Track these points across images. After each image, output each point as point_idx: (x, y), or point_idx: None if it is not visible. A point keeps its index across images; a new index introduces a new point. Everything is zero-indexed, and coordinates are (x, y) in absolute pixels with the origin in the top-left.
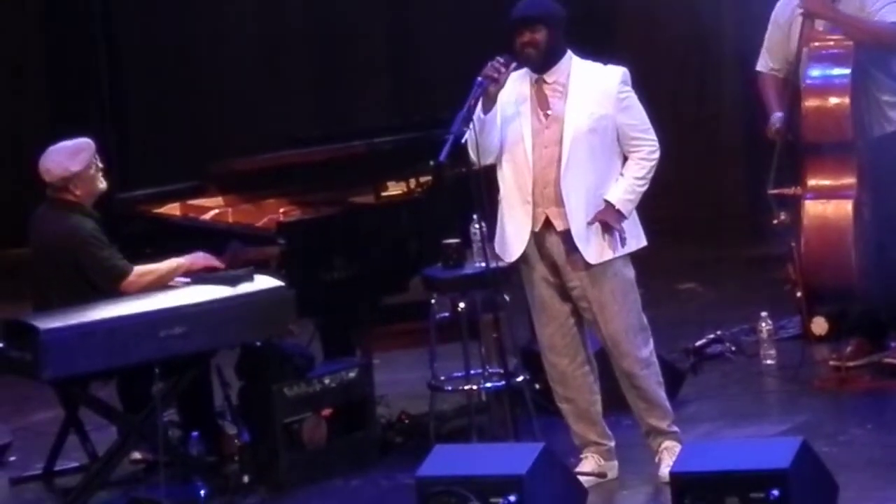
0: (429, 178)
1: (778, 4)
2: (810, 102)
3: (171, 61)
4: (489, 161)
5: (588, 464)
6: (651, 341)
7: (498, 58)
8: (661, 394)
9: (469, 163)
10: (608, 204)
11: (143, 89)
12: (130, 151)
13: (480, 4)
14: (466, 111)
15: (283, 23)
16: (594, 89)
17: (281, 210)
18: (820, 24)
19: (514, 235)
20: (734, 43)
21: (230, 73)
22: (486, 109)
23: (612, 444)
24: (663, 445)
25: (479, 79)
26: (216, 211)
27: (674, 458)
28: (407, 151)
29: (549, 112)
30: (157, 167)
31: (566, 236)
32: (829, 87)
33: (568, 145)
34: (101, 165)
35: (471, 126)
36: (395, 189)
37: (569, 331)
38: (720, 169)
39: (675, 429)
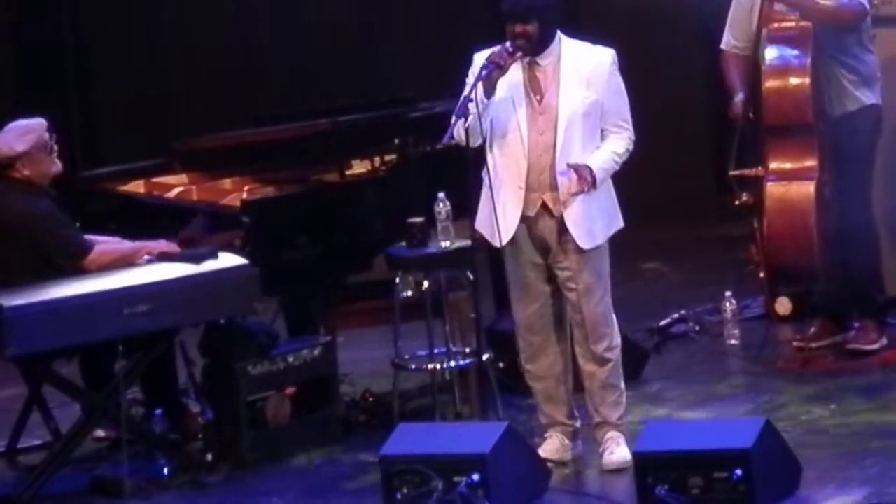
0: (393, 156)
1: None
2: (770, 84)
3: (136, 38)
4: (475, 142)
5: (552, 443)
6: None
7: (506, 44)
8: (622, 385)
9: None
10: (588, 167)
11: (109, 66)
12: (95, 129)
13: None
14: (470, 93)
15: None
16: (585, 72)
17: (245, 188)
18: (780, 5)
19: (504, 220)
20: (698, 22)
21: (197, 50)
22: (489, 94)
23: (578, 424)
24: (608, 435)
25: (485, 62)
26: (180, 189)
27: (618, 447)
28: (371, 130)
29: (542, 97)
30: (122, 144)
31: (560, 221)
32: (788, 68)
33: (563, 131)
34: (54, 147)
35: (473, 110)
36: (359, 167)
37: (548, 310)
38: (684, 149)
39: (623, 421)
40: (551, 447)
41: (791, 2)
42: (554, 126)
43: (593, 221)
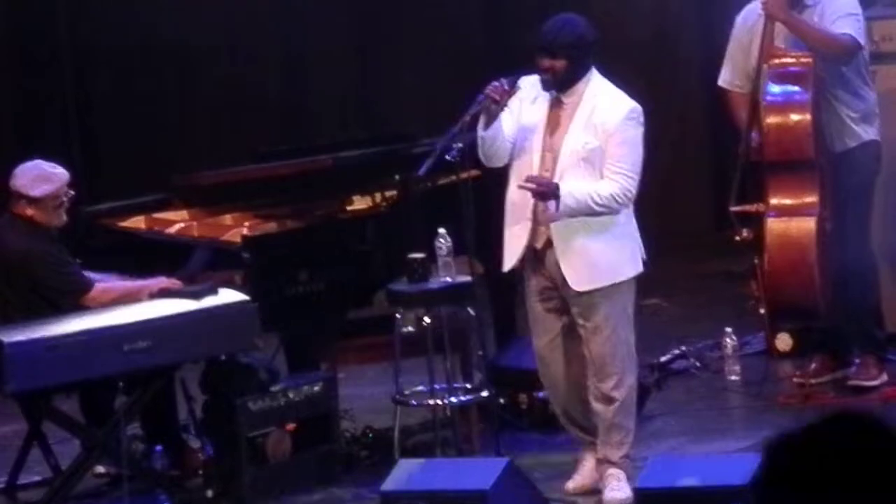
0: (394, 192)
1: (738, 21)
2: (771, 120)
3: (137, 75)
4: (499, 165)
5: (587, 463)
6: (636, 369)
7: (502, 80)
8: (630, 423)
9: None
10: (554, 183)
11: (110, 103)
12: (96, 164)
13: (447, 21)
14: (459, 128)
15: (251, 37)
16: (598, 118)
17: (246, 224)
18: (780, 41)
19: (510, 248)
20: (699, 58)
21: (197, 86)
22: (487, 126)
23: None
24: (609, 472)
25: (480, 95)
26: (181, 224)
27: (619, 483)
28: (372, 165)
29: (554, 136)
30: (123, 180)
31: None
32: (789, 104)
33: (559, 174)
34: (65, 200)
35: (459, 141)
36: (360, 203)
37: (560, 343)
38: (685, 184)
39: (625, 461)
40: (586, 468)
41: (790, 22)
42: (554, 167)
43: (592, 264)
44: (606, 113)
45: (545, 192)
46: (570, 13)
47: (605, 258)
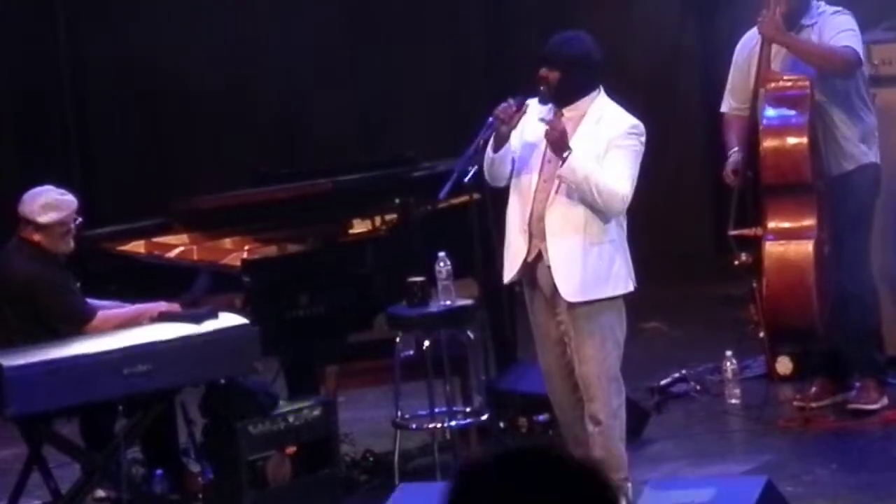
0: (394, 215)
1: (739, 43)
2: (768, 144)
3: (137, 98)
4: (503, 184)
5: None
6: (623, 394)
7: (510, 100)
8: (621, 447)
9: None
10: (567, 141)
11: (109, 127)
12: (96, 189)
13: (448, 46)
14: (473, 150)
15: (251, 59)
16: (599, 133)
17: (246, 248)
18: (776, 64)
19: (508, 260)
20: (700, 84)
21: (197, 111)
22: (497, 148)
23: None
24: None
25: (490, 119)
26: (181, 248)
27: None
28: (372, 189)
29: None
30: (122, 205)
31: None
32: (786, 128)
33: (557, 183)
34: (72, 228)
35: (475, 163)
36: (360, 227)
37: (565, 364)
38: (683, 208)
39: (626, 482)
40: None
41: (787, 42)
42: (553, 176)
43: (583, 276)
44: (609, 126)
45: (558, 139)
46: (578, 31)
47: (597, 272)
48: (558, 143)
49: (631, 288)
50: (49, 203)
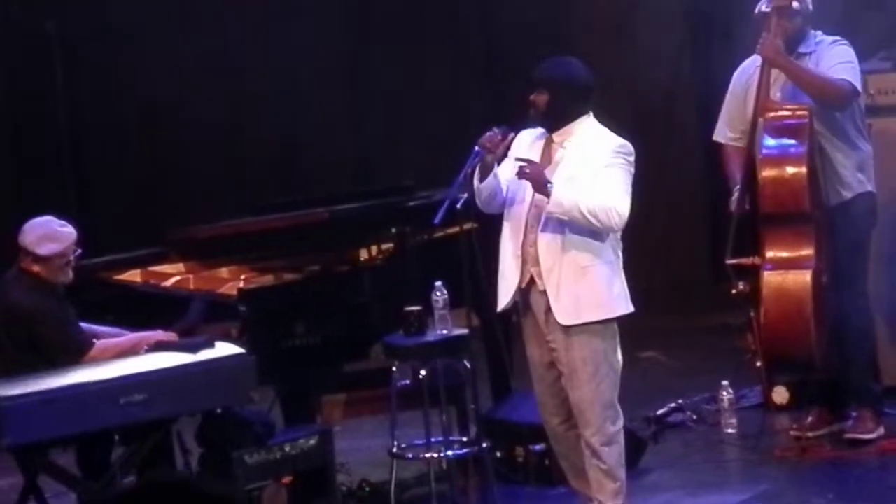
0: (390, 245)
1: (736, 73)
2: (767, 173)
3: (132, 128)
4: (497, 212)
5: None
6: (620, 421)
7: (494, 129)
8: (619, 474)
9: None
10: (545, 176)
11: (105, 156)
12: (91, 218)
13: (445, 76)
14: (462, 178)
15: (245, 88)
16: (588, 154)
17: (242, 277)
18: (775, 94)
19: (502, 287)
20: (697, 113)
21: (193, 140)
22: (483, 177)
23: None
24: None
25: (476, 148)
26: (177, 278)
27: None
28: (369, 218)
29: (547, 170)
30: (118, 234)
31: (546, 296)
32: (785, 157)
33: (548, 206)
34: (72, 259)
35: (464, 195)
36: (356, 256)
37: (558, 392)
38: (681, 237)
39: None
40: None
41: (786, 65)
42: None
43: (577, 298)
44: (597, 147)
45: (536, 179)
46: (566, 56)
47: (592, 294)
48: (536, 182)
49: (631, 309)
50: (48, 234)
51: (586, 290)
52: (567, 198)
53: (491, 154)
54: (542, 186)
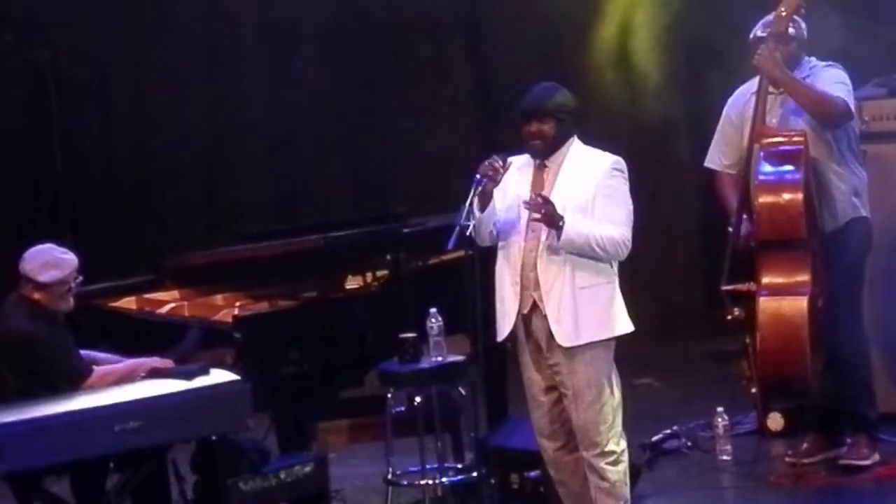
0: (385, 271)
1: (730, 100)
2: (763, 199)
3: (126, 155)
4: (490, 244)
5: None
6: (624, 441)
7: (495, 156)
8: (625, 493)
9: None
10: (557, 210)
11: (98, 185)
12: (86, 245)
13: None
14: (468, 205)
15: (236, 117)
16: (582, 174)
17: (237, 304)
18: (772, 119)
19: (503, 315)
20: (691, 140)
21: (186, 166)
22: (483, 206)
23: None
24: None
25: (478, 176)
26: (172, 305)
27: None
28: (363, 245)
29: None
30: (113, 261)
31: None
32: (781, 183)
33: (546, 230)
34: (73, 286)
35: (472, 220)
36: (351, 283)
37: (556, 417)
38: (676, 263)
39: None
40: None
41: (783, 78)
42: (540, 227)
43: (578, 319)
44: (591, 166)
45: (550, 215)
46: (549, 82)
47: (593, 314)
48: (549, 220)
49: (630, 328)
50: (49, 262)
51: (587, 310)
52: (579, 233)
53: (492, 182)
54: (554, 224)
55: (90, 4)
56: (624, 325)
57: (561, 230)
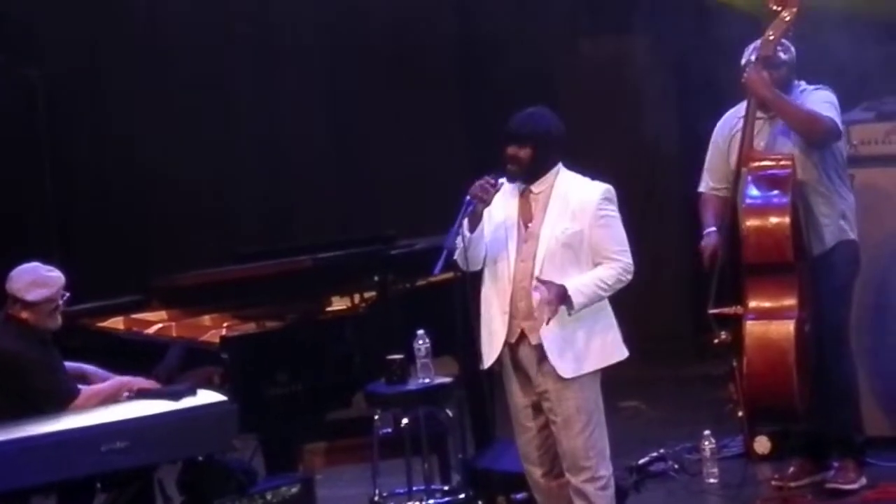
0: (373, 293)
1: (718, 123)
2: (750, 223)
3: (115, 176)
4: (476, 268)
5: None
6: (610, 466)
7: (486, 177)
8: None
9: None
10: (561, 286)
11: (87, 204)
12: (74, 265)
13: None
14: (457, 227)
15: (229, 135)
16: (573, 204)
17: (224, 325)
18: (759, 142)
19: (488, 344)
20: (678, 163)
21: (175, 186)
22: (473, 227)
23: None
24: None
25: (468, 198)
26: (160, 325)
27: None
28: (351, 267)
29: (529, 226)
30: (101, 281)
31: (540, 349)
32: (768, 207)
33: (540, 261)
34: (60, 304)
35: (460, 242)
36: (339, 304)
37: (543, 442)
38: (664, 288)
39: None
40: None
41: (772, 97)
42: (534, 254)
43: (576, 349)
44: (581, 197)
45: (557, 296)
46: (539, 106)
47: (591, 343)
48: (558, 299)
49: (626, 354)
50: (36, 281)
51: (586, 340)
52: (585, 295)
53: (483, 203)
54: (564, 301)
55: (81, 20)
56: (620, 351)
57: (570, 302)
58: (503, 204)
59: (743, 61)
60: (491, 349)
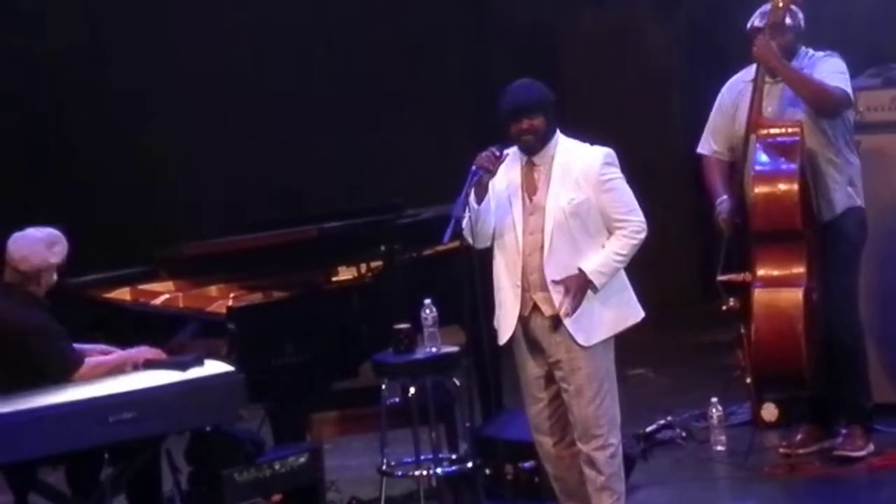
0: (379, 262)
1: (723, 88)
2: (759, 190)
3: (121, 147)
4: (485, 245)
5: None
6: (619, 435)
7: (492, 148)
8: (619, 487)
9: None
10: (580, 271)
11: (94, 174)
12: (80, 236)
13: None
14: (464, 197)
15: (233, 111)
16: (575, 172)
17: (231, 295)
18: (768, 109)
19: (504, 318)
20: (686, 130)
21: (181, 157)
22: (480, 199)
23: None
24: None
25: (474, 168)
26: (167, 296)
27: None
28: (358, 236)
29: (533, 198)
30: (108, 252)
31: (553, 320)
32: (777, 175)
33: (549, 233)
34: (54, 265)
35: (467, 213)
36: (345, 274)
37: (554, 412)
38: (671, 254)
39: None
40: None
41: (781, 67)
42: (542, 227)
43: (591, 316)
44: (582, 164)
45: (579, 288)
46: (524, 79)
47: (607, 309)
48: (580, 290)
49: (641, 314)
50: (48, 240)
51: (602, 305)
52: (605, 271)
53: (489, 174)
54: (588, 287)
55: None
56: (635, 312)
57: (592, 286)
58: (505, 177)
59: (749, 25)
60: (506, 324)
